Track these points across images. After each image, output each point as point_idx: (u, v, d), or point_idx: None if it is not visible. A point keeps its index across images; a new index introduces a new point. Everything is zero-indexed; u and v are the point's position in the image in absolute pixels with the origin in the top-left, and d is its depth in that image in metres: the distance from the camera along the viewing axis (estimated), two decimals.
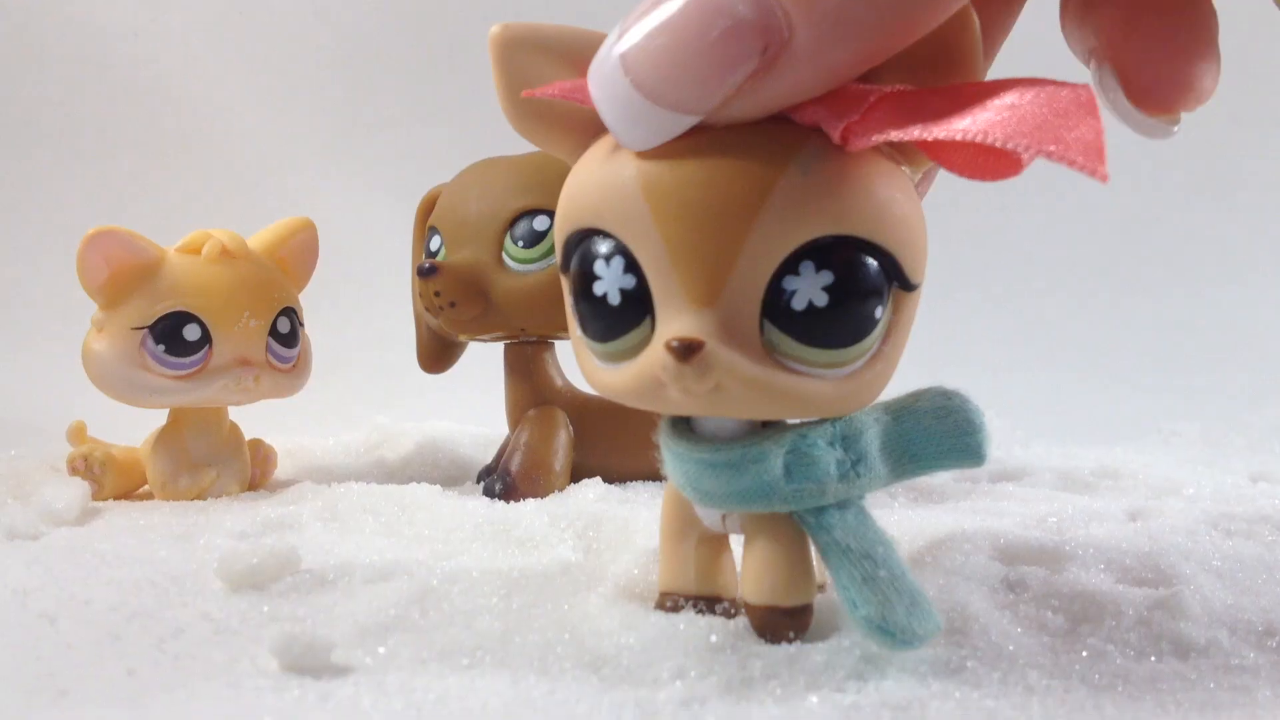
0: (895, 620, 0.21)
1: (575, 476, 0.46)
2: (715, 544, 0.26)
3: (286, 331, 0.46)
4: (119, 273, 0.43)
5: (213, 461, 0.45)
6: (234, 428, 0.47)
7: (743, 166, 0.20)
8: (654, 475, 0.47)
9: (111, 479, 0.45)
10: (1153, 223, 0.93)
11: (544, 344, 0.48)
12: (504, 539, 0.34)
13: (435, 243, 0.46)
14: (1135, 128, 0.23)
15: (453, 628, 0.25)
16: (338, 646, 0.23)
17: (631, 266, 0.21)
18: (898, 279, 0.21)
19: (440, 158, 0.54)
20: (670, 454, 0.24)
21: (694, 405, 0.21)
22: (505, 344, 0.48)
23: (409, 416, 0.63)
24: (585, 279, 0.22)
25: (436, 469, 0.52)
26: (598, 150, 0.22)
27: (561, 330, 0.45)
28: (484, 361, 0.52)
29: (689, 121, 0.20)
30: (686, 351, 0.20)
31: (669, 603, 0.25)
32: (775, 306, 0.20)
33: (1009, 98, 0.18)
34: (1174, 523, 0.36)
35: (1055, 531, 0.35)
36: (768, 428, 0.23)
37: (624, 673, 0.22)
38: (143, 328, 0.43)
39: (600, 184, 0.21)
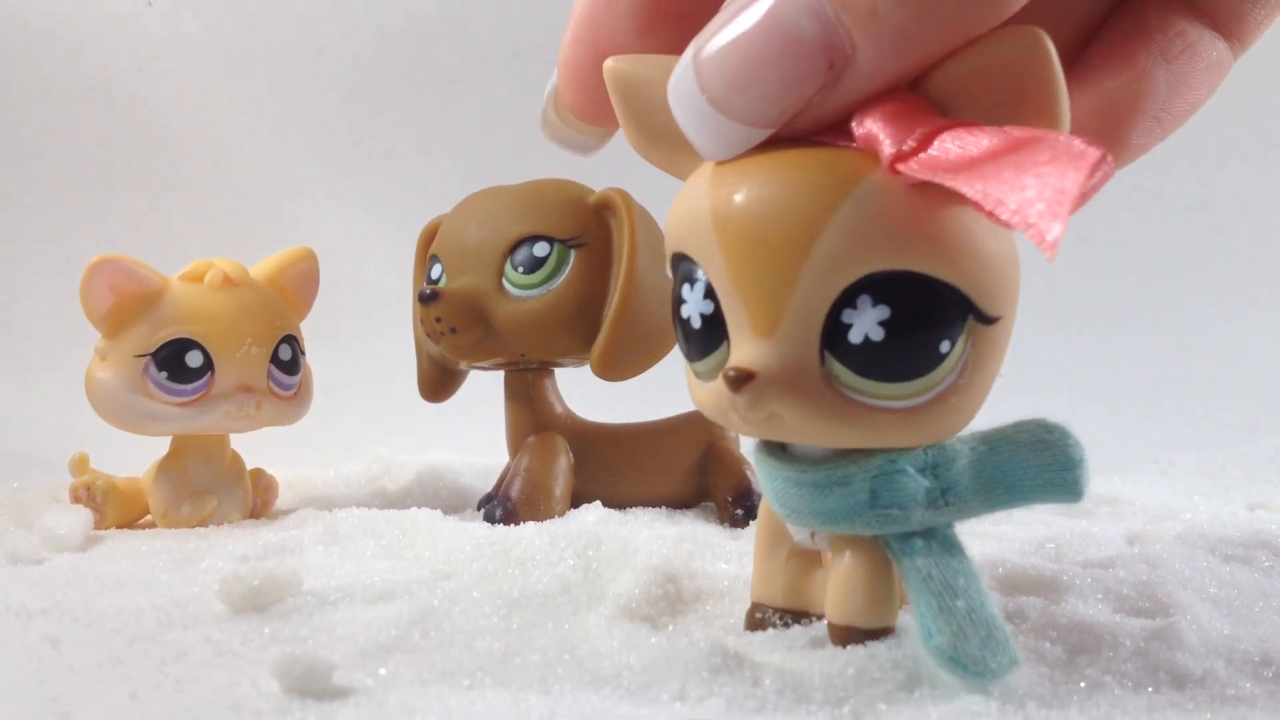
0: (968, 652, 0.21)
1: (575, 503, 0.46)
2: (806, 558, 0.26)
3: (288, 359, 0.46)
4: (122, 301, 0.43)
5: (215, 490, 0.46)
6: (235, 456, 0.47)
7: (799, 199, 0.20)
8: (653, 501, 0.47)
9: (114, 508, 0.45)
10: (1150, 255, 0.93)
11: (544, 370, 0.48)
12: (504, 559, 0.34)
13: (436, 271, 0.46)
14: None
15: (453, 648, 0.25)
16: (339, 668, 0.23)
17: (710, 292, 0.22)
18: (973, 312, 0.20)
19: (441, 188, 0.55)
20: (761, 469, 0.24)
21: (754, 430, 0.22)
22: (505, 370, 0.48)
23: (409, 446, 0.63)
24: (676, 300, 0.23)
25: (437, 498, 0.52)
26: (695, 174, 0.23)
27: (560, 356, 0.45)
28: (484, 392, 0.52)
29: (760, 134, 0.21)
30: (738, 382, 0.21)
31: (758, 615, 0.26)
32: (835, 338, 0.20)
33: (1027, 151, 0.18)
34: (1172, 548, 0.36)
35: (1054, 558, 0.35)
36: (858, 450, 0.22)
37: (624, 693, 0.22)
38: (145, 355, 0.43)
39: (685, 210, 0.22)
